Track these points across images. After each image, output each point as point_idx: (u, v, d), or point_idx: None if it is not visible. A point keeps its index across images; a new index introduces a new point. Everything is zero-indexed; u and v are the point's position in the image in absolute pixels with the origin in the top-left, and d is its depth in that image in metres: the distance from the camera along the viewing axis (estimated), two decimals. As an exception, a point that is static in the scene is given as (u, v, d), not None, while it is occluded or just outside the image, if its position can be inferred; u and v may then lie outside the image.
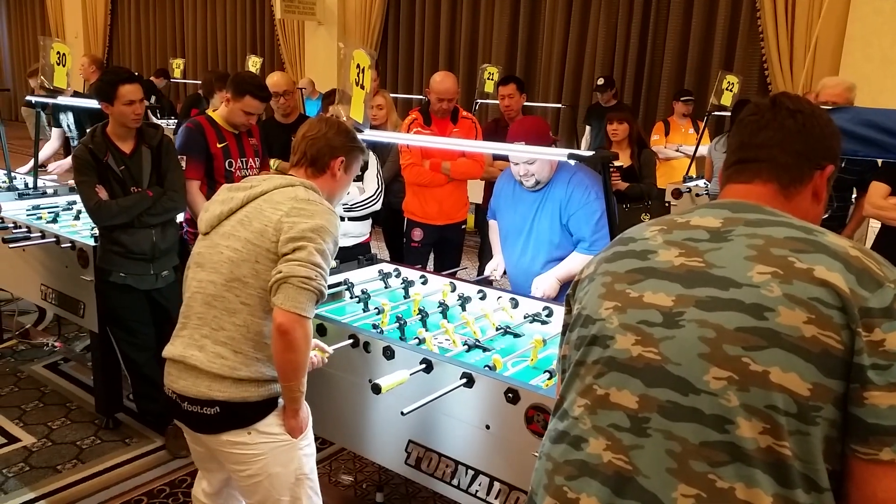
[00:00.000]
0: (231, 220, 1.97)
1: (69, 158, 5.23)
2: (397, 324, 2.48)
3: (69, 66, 4.26)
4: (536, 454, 1.79)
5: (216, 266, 1.94)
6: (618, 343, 1.14)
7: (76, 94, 5.48)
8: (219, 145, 3.52)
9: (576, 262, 2.89)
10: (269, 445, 1.96)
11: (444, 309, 2.68)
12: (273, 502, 2.01)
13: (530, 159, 2.86)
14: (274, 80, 4.26)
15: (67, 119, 5.37)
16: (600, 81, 6.85)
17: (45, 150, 5.48)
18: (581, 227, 2.91)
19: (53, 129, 5.49)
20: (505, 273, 3.22)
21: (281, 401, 1.99)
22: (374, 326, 2.45)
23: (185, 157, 3.39)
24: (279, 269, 1.84)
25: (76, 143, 5.36)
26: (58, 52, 4.21)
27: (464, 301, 2.80)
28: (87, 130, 3.26)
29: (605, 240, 2.83)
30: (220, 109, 3.59)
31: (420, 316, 2.62)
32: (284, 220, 1.90)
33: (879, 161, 3.82)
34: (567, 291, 1.37)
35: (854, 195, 4.10)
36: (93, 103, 3.72)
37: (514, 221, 3.09)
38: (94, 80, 5.95)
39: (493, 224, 3.37)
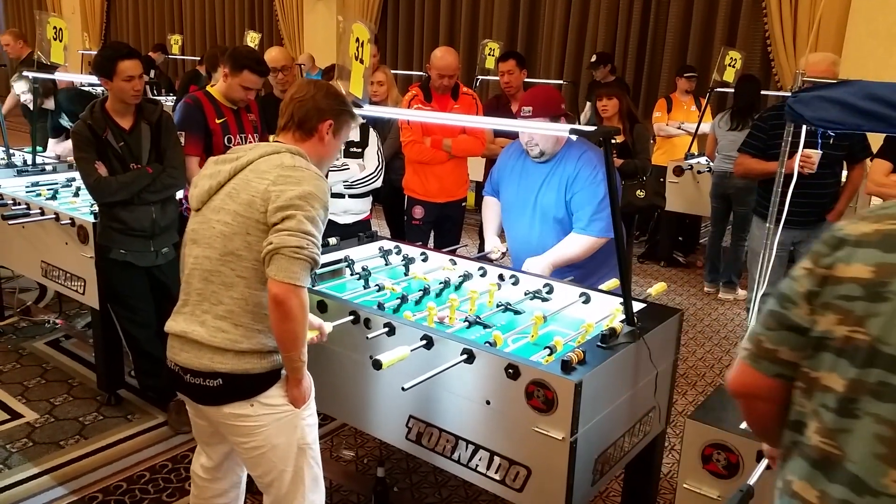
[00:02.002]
0: (220, 194, 1.95)
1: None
2: (399, 301, 2.49)
3: (66, 42, 4.22)
4: (536, 429, 1.79)
5: (210, 241, 1.94)
6: None
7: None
8: (217, 121, 3.49)
9: (573, 245, 2.85)
10: (272, 417, 1.97)
11: (445, 285, 2.68)
12: (277, 473, 2.02)
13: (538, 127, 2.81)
14: (272, 56, 4.21)
15: (62, 117, 5.32)
16: (593, 58, 6.81)
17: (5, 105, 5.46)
18: (582, 206, 2.85)
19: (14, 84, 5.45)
20: (504, 254, 3.16)
21: (283, 372, 2.00)
22: (380, 306, 2.45)
23: (183, 133, 3.37)
24: (270, 241, 1.84)
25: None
26: (54, 27, 4.17)
27: (465, 278, 2.80)
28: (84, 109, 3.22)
29: (603, 222, 2.80)
30: (218, 85, 3.56)
31: (420, 295, 2.62)
32: (271, 188, 1.87)
33: (869, 136, 3.82)
34: (802, 287, 1.13)
35: (844, 170, 4.09)
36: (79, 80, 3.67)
37: (519, 194, 3.03)
38: (25, 55, 5.91)
39: (489, 200, 3.28)
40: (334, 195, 3.81)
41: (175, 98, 6.28)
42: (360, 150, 3.87)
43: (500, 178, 3.18)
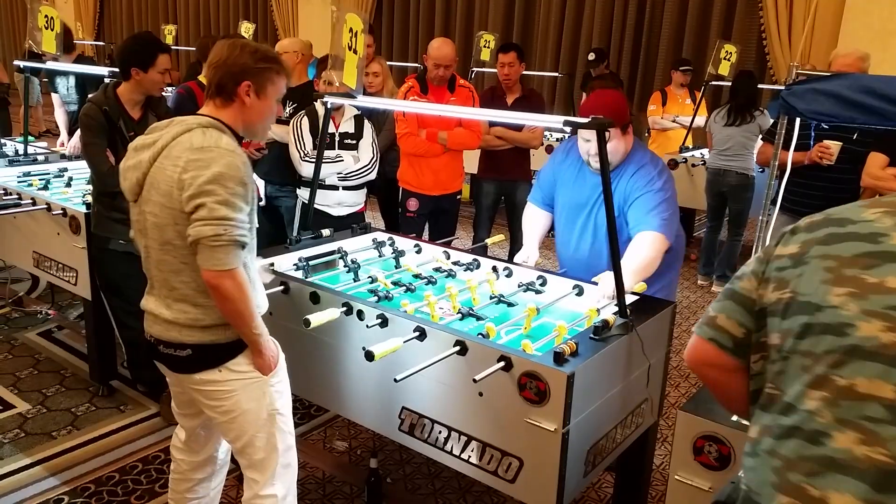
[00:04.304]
0: (146, 185, 1.95)
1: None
2: (398, 289, 2.48)
3: (58, 30, 4.18)
4: (529, 421, 1.80)
5: (148, 232, 1.97)
6: (860, 330, 1.09)
7: (80, 59, 5.38)
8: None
9: (640, 246, 2.60)
10: (241, 382, 2.03)
11: (446, 275, 2.68)
12: (248, 438, 2.07)
13: (607, 137, 2.53)
14: (283, 44, 4.37)
15: (67, 82, 5.25)
16: (591, 56, 6.77)
17: (60, 120, 5.35)
18: (638, 208, 2.66)
19: (53, 95, 5.37)
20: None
21: None
22: (379, 293, 2.43)
23: None
24: (188, 233, 1.86)
25: (76, 107, 5.27)
26: (46, 16, 4.13)
27: (460, 269, 2.80)
28: (97, 90, 3.17)
29: (660, 217, 2.62)
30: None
31: (406, 288, 2.61)
32: (184, 176, 1.85)
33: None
34: (751, 267, 1.30)
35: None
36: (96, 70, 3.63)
37: (574, 202, 2.86)
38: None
39: (533, 210, 3.06)
40: (329, 187, 3.80)
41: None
42: (354, 141, 3.86)
43: (558, 179, 2.96)
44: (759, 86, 5.72)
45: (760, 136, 4.24)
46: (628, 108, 2.79)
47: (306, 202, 3.68)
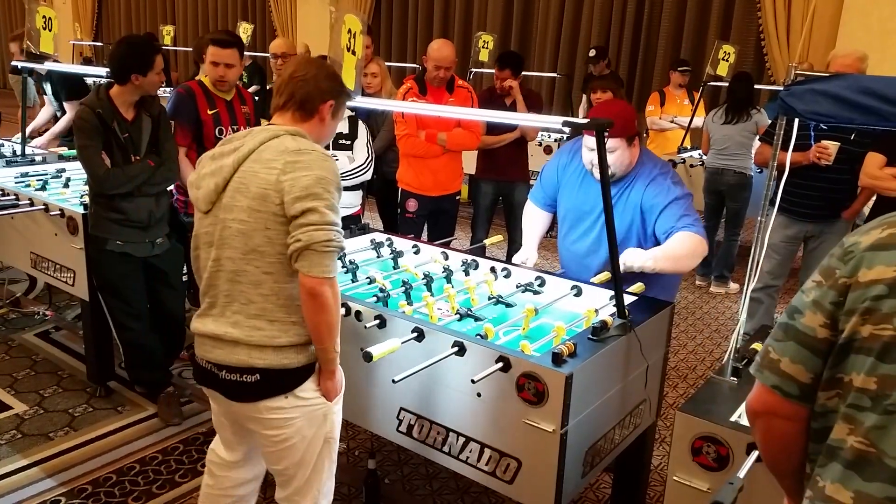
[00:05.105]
0: (228, 191, 1.88)
1: (53, 129, 5.14)
2: (402, 288, 2.48)
3: (56, 31, 4.18)
4: (527, 421, 1.80)
5: (228, 241, 1.88)
6: None
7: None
8: (209, 112, 3.47)
9: (675, 242, 2.55)
10: (306, 409, 1.95)
11: (446, 276, 2.68)
12: (301, 466, 2.00)
13: (611, 147, 2.57)
14: (275, 43, 4.36)
15: (47, 89, 5.26)
16: (592, 53, 6.77)
17: (41, 117, 5.38)
18: (668, 218, 2.61)
19: (44, 95, 5.38)
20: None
21: (317, 365, 1.97)
22: (379, 295, 2.43)
23: (173, 123, 3.35)
24: (297, 238, 1.79)
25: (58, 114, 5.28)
26: (44, 17, 4.12)
27: (463, 270, 2.80)
28: (88, 92, 3.17)
29: (690, 217, 2.59)
30: (203, 72, 3.56)
31: (405, 289, 2.61)
32: (282, 178, 1.81)
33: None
34: (820, 296, 1.15)
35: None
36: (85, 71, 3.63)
37: (579, 207, 2.82)
38: None
39: (533, 210, 3.04)
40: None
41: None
42: (349, 142, 3.85)
43: (560, 184, 2.92)
44: (758, 86, 5.72)
45: (758, 137, 4.25)
46: (636, 120, 2.73)
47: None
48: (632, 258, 2.48)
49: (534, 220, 3.05)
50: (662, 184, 2.66)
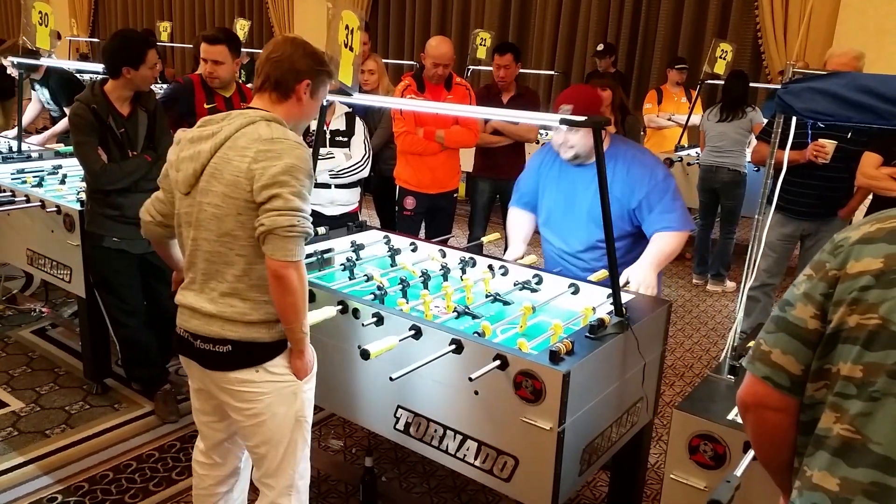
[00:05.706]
0: (204, 176, 1.93)
1: (53, 129, 5.14)
2: (400, 286, 2.48)
3: (52, 27, 4.16)
4: (524, 419, 1.80)
5: (204, 224, 1.94)
6: None
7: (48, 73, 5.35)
8: (206, 106, 3.47)
9: (662, 242, 2.63)
10: (276, 385, 2.00)
11: (443, 273, 2.68)
12: (273, 444, 2.05)
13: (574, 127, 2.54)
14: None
15: (43, 94, 5.25)
16: (600, 47, 6.76)
17: (28, 113, 5.37)
18: (653, 207, 2.66)
19: (33, 91, 5.36)
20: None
21: (289, 343, 2.02)
22: (377, 292, 2.43)
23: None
24: (261, 222, 1.85)
25: (56, 114, 5.27)
26: (40, 12, 4.11)
27: (460, 267, 2.79)
28: (83, 89, 3.16)
29: (677, 212, 2.65)
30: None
31: (401, 286, 2.61)
32: (253, 166, 1.86)
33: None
34: (811, 289, 1.17)
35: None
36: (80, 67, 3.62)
37: (560, 200, 2.83)
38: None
39: (517, 213, 3.03)
40: (320, 185, 3.78)
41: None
42: (345, 139, 3.85)
43: (539, 186, 2.93)
44: (755, 84, 5.73)
45: (756, 135, 4.27)
46: (601, 106, 2.77)
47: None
48: (640, 282, 2.55)
49: (520, 222, 3.02)
50: (647, 170, 2.69)
